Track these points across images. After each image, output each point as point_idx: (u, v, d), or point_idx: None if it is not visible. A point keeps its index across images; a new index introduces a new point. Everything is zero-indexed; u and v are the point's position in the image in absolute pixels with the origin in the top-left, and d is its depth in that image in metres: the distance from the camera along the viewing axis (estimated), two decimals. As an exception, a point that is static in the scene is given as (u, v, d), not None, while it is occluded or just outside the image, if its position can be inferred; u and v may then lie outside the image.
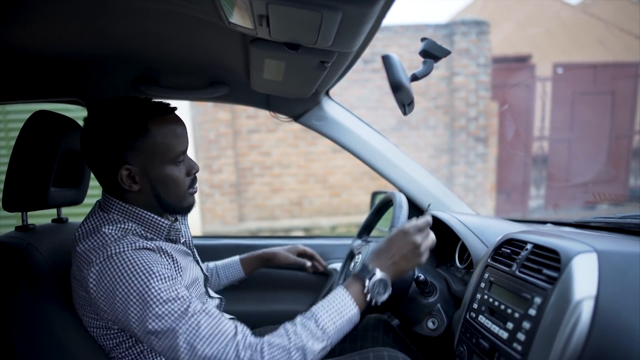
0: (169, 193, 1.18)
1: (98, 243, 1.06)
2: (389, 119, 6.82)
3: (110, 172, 1.12)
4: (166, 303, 0.99)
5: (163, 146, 1.13)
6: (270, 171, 6.83)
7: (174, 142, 1.15)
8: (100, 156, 1.12)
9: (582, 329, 0.78)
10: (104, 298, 1.02)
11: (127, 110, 1.11)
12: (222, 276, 1.69)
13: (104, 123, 1.10)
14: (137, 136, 1.10)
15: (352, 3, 0.80)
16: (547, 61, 7.75)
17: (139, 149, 1.11)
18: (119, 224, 1.13)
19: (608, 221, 1.31)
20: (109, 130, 1.09)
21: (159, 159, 1.13)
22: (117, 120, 1.10)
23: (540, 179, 7.26)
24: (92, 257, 1.04)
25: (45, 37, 1.22)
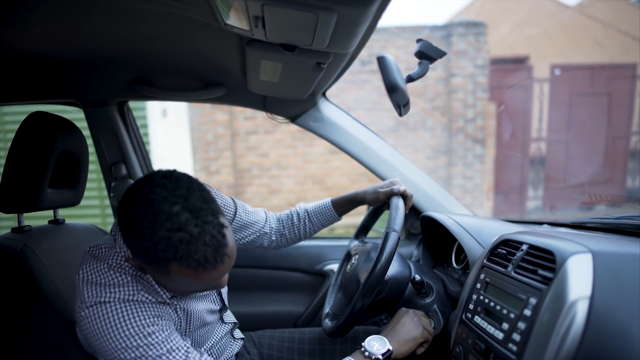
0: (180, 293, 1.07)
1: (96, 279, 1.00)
2: (386, 120, 6.83)
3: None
4: (161, 357, 0.97)
5: (179, 287, 0.99)
6: (268, 172, 6.83)
7: (198, 288, 1.01)
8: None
9: (576, 329, 0.79)
10: (93, 340, 0.98)
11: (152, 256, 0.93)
12: (315, 222, 1.58)
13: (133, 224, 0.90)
14: (157, 266, 0.91)
15: (347, 4, 0.80)
16: (545, 62, 7.76)
17: (158, 275, 0.96)
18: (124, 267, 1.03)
19: (604, 222, 1.31)
20: (135, 234, 0.89)
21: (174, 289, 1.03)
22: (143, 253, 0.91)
23: (538, 180, 7.27)
24: (85, 296, 0.98)
25: (42, 39, 1.22)
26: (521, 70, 8.09)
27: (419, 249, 1.77)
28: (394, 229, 1.24)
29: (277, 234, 1.58)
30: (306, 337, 1.58)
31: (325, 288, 2.06)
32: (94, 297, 0.97)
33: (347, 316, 1.23)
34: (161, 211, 0.85)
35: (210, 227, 0.88)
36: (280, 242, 1.59)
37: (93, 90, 1.74)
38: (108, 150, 1.94)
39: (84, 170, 1.45)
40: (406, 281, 1.37)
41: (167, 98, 1.81)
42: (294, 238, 1.59)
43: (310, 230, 1.59)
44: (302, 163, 6.87)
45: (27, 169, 1.22)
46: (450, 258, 1.62)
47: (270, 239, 1.57)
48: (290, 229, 1.58)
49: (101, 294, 0.97)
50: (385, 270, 1.20)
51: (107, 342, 0.95)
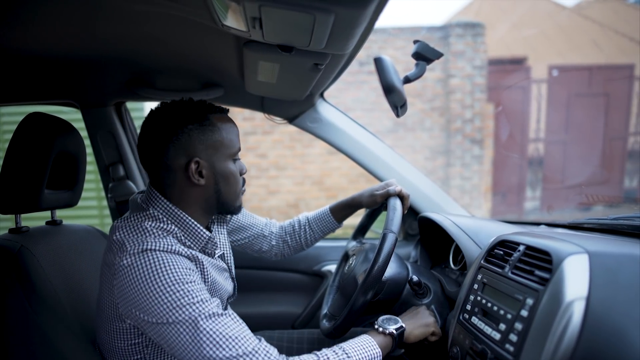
0: (229, 190, 1.21)
1: (136, 234, 1.07)
2: (384, 121, 6.83)
3: (175, 165, 1.13)
4: (190, 305, 1.00)
5: (227, 141, 1.18)
6: (267, 173, 6.82)
7: (235, 139, 1.20)
8: (166, 148, 1.12)
9: (573, 329, 0.79)
10: (127, 290, 1.01)
11: (191, 105, 1.16)
12: (315, 230, 1.62)
13: (173, 115, 1.13)
14: (205, 129, 1.14)
15: (344, 5, 0.80)
16: (543, 63, 7.77)
17: (207, 143, 1.14)
18: (161, 223, 1.12)
19: (600, 222, 1.31)
20: (178, 121, 1.12)
21: (223, 153, 1.18)
22: (184, 111, 1.14)
23: (536, 180, 7.27)
24: (127, 246, 1.04)
25: (39, 39, 1.22)
26: (519, 71, 8.10)
27: (417, 250, 1.77)
28: (392, 230, 1.24)
29: (279, 239, 1.61)
30: (305, 338, 1.59)
31: (323, 289, 2.06)
32: (139, 245, 1.03)
33: (344, 317, 1.23)
34: None
35: None
36: (283, 249, 1.62)
37: (90, 91, 1.73)
38: (105, 151, 1.94)
39: (82, 171, 1.45)
40: (404, 282, 1.37)
41: (164, 99, 1.81)
42: (297, 246, 1.62)
43: (311, 238, 1.61)
44: (301, 164, 6.86)
45: (24, 170, 1.22)
46: (447, 259, 1.62)
47: (270, 244, 1.59)
48: (292, 236, 1.61)
49: (145, 243, 1.04)
50: (383, 271, 1.20)
51: (152, 288, 0.99)
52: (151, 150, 1.14)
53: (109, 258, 1.07)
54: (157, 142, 1.13)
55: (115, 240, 1.07)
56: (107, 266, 1.08)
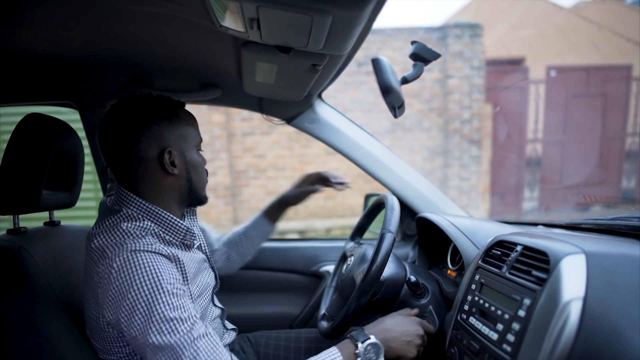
0: (199, 179, 1.25)
1: (115, 239, 1.06)
2: (383, 122, 6.84)
3: (147, 156, 1.15)
4: (171, 321, 0.99)
5: (193, 133, 1.23)
6: (265, 174, 6.83)
7: (198, 131, 1.27)
8: (137, 140, 1.13)
9: (570, 329, 0.79)
10: (111, 296, 1.01)
11: (160, 101, 1.19)
12: (255, 237, 1.68)
13: (142, 110, 1.15)
14: (174, 122, 1.18)
15: (342, 6, 0.80)
16: (540, 64, 7.79)
17: (177, 134, 1.18)
18: (137, 222, 1.12)
19: (598, 223, 1.31)
20: (148, 116, 1.15)
21: (190, 144, 1.22)
22: (154, 107, 1.16)
23: (534, 181, 7.29)
24: (108, 252, 1.04)
25: (37, 40, 1.21)
26: (517, 71, 8.12)
27: (415, 250, 1.77)
28: (390, 230, 1.24)
29: (224, 255, 1.67)
30: (302, 337, 1.59)
31: (321, 289, 2.06)
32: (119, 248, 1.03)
33: (342, 317, 1.24)
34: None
35: None
36: (227, 263, 1.68)
37: (88, 91, 1.73)
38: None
39: (80, 171, 1.44)
40: (402, 282, 1.37)
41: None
42: (238, 258, 1.69)
43: (249, 245, 1.69)
44: (299, 164, 6.87)
45: (23, 171, 1.22)
46: (445, 259, 1.62)
47: (221, 258, 1.66)
48: (233, 248, 1.68)
49: (125, 245, 1.04)
50: (381, 271, 1.20)
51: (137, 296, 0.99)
52: (121, 143, 1.14)
53: (91, 267, 1.07)
54: (127, 135, 1.13)
55: (95, 248, 1.06)
56: (89, 276, 1.08)
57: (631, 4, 10.02)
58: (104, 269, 1.02)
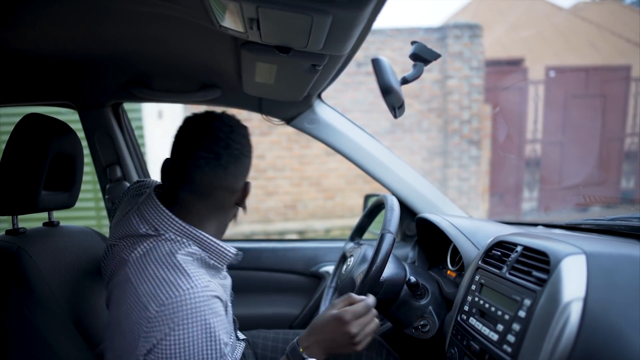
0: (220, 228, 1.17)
1: (173, 274, 0.96)
2: (382, 122, 6.84)
3: (236, 186, 1.11)
4: None
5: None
6: (264, 174, 6.82)
7: None
8: (236, 168, 1.08)
9: (570, 330, 0.79)
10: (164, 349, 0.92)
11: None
12: None
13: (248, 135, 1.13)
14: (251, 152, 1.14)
15: (341, 7, 0.80)
16: (540, 64, 7.79)
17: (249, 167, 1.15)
18: (184, 247, 1.03)
19: (598, 223, 1.31)
20: (247, 147, 1.11)
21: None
22: (243, 137, 1.11)
23: (533, 181, 7.29)
24: (162, 297, 0.93)
25: (36, 40, 1.21)
26: (516, 72, 8.13)
27: (414, 251, 1.77)
28: (389, 231, 1.24)
29: None
30: None
31: (320, 290, 2.06)
32: (180, 293, 0.93)
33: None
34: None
35: None
36: None
37: (88, 92, 1.73)
38: (103, 152, 1.94)
39: (79, 172, 1.44)
40: (401, 283, 1.37)
41: (162, 100, 1.81)
42: None
43: None
44: (298, 165, 6.87)
45: (21, 171, 1.22)
46: (445, 260, 1.62)
47: None
48: None
49: (185, 288, 0.94)
50: (381, 272, 1.20)
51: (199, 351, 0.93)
52: (222, 166, 1.06)
53: (136, 303, 0.96)
54: (238, 160, 1.09)
55: (145, 280, 0.96)
56: (132, 311, 0.96)
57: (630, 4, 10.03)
58: (154, 315, 0.93)
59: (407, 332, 1.38)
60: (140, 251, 1.01)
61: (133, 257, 1.01)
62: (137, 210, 1.09)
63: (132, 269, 0.99)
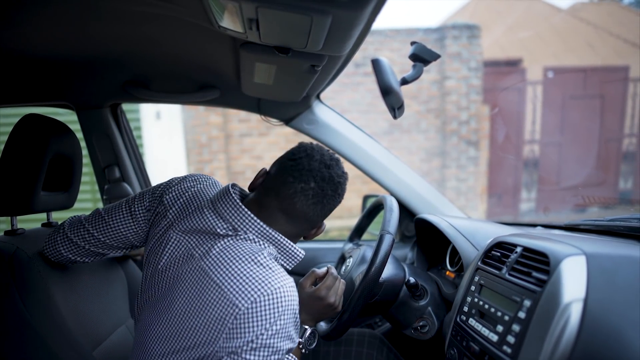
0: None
1: (260, 271, 0.98)
2: (380, 123, 6.83)
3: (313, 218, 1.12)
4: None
5: None
6: (262, 175, 6.80)
7: None
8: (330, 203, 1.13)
9: (571, 331, 0.79)
10: (238, 330, 0.95)
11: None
12: None
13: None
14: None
15: (341, 7, 0.80)
16: (538, 65, 7.81)
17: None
18: (265, 247, 1.06)
19: (597, 224, 1.31)
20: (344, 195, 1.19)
21: None
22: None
23: (531, 182, 7.30)
24: (254, 295, 0.95)
25: (35, 41, 1.21)
26: (514, 72, 8.14)
27: (413, 252, 1.77)
28: (389, 231, 1.24)
29: None
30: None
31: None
32: (265, 288, 0.96)
33: (341, 319, 1.23)
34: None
35: None
36: None
37: (86, 92, 1.73)
38: (101, 152, 1.93)
39: (78, 173, 1.44)
40: (400, 283, 1.37)
41: (160, 100, 1.81)
42: None
43: None
44: (297, 165, 6.85)
45: (20, 172, 1.21)
46: (444, 260, 1.62)
47: None
48: None
49: (271, 285, 0.97)
50: (380, 273, 1.20)
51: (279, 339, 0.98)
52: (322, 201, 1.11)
53: (221, 299, 0.97)
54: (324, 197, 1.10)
55: (231, 276, 0.98)
56: (213, 306, 0.97)
57: (628, 5, 10.06)
58: (245, 309, 0.94)
59: (407, 333, 1.38)
60: (219, 249, 1.02)
61: (212, 255, 1.02)
62: (213, 208, 1.09)
63: (211, 265, 1.00)
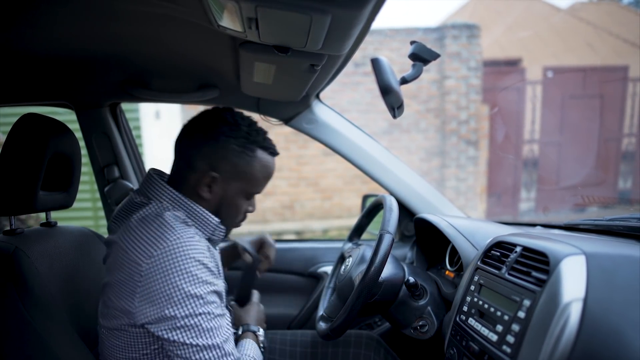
0: (227, 218, 1.23)
1: (158, 230, 1.05)
2: (380, 122, 6.84)
3: (195, 166, 1.16)
4: (212, 329, 1.03)
5: (254, 180, 1.21)
6: (262, 174, 6.80)
7: (262, 183, 1.24)
8: (200, 145, 1.16)
9: (570, 331, 0.79)
10: (155, 290, 1.01)
11: (250, 126, 1.20)
12: None
13: (228, 122, 1.17)
14: (243, 156, 1.17)
15: (341, 6, 0.79)
16: (537, 64, 7.82)
17: (235, 168, 1.17)
18: (167, 210, 1.12)
19: (596, 224, 1.31)
20: (227, 130, 1.16)
21: (242, 187, 1.21)
22: (240, 128, 1.17)
23: (531, 181, 7.30)
24: (151, 250, 1.02)
25: (34, 40, 1.21)
26: (514, 72, 8.15)
27: (413, 251, 1.77)
28: (388, 231, 1.24)
29: None
30: (298, 340, 1.58)
31: (318, 290, 2.05)
32: (166, 242, 1.02)
33: (340, 318, 1.23)
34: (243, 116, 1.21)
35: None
36: None
37: (85, 91, 1.72)
38: (100, 152, 1.93)
39: (77, 172, 1.44)
40: (400, 283, 1.37)
41: (159, 100, 1.81)
42: None
43: None
44: (296, 165, 6.87)
45: (19, 171, 1.21)
46: (444, 260, 1.62)
47: None
48: None
49: (171, 239, 1.03)
50: (379, 272, 1.20)
51: (179, 289, 1.01)
52: (190, 138, 1.18)
53: (127, 261, 1.04)
54: (198, 135, 1.17)
55: (134, 240, 1.05)
56: (124, 270, 1.05)
57: (627, 5, 10.06)
58: (148, 263, 1.01)
59: (406, 333, 1.38)
60: (131, 221, 1.10)
61: (124, 228, 1.09)
62: (135, 190, 1.21)
63: (122, 237, 1.08)
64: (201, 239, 1.09)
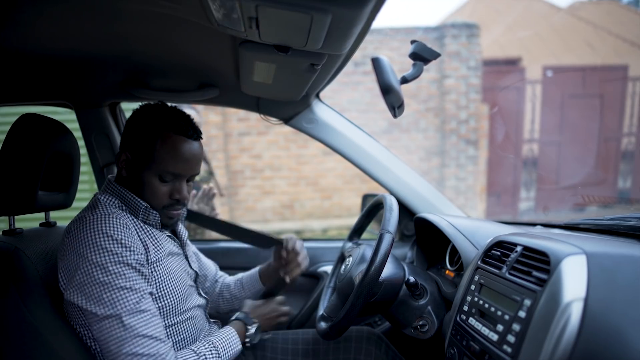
0: (147, 198, 1.27)
1: (84, 212, 1.19)
2: (379, 122, 6.84)
3: (119, 154, 1.27)
4: (120, 290, 1.09)
5: (162, 160, 1.23)
6: (261, 174, 6.82)
7: (170, 162, 1.24)
8: (122, 139, 1.29)
9: (571, 330, 0.78)
10: (65, 262, 1.12)
11: (165, 111, 1.26)
12: (246, 288, 1.69)
13: (145, 112, 1.27)
14: (152, 134, 1.23)
15: (341, 5, 0.79)
16: (537, 64, 7.81)
17: (144, 146, 1.23)
18: (110, 197, 1.25)
19: (597, 223, 1.31)
20: (141, 116, 1.27)
21: (152, 167, 1.24)
22: (157, 114, 1.26)
23: (531, 181, 7.30)
24: (71, 227, 1.15)
25: (33, 39, 1.21)
26: (513, 71, 8.14)
27: (413, 251, 1.77)
28: (388, 230, 1.23)
29: (219, 293, 1.71)
30: (300, 338, 1.58)
31: (319, 290, 2.05)
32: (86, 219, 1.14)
33: (341, 318, 1.23)
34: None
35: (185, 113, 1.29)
36: (219, 301, 1.71)
37: (85, 91, 1.72)
38: (100, 152, 1.93)
39: (76, 172, 1.44)
40: (400, 283, 1.37)
41: (159, 99, 1.80)
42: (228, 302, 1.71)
43: (240, 294, 1.70)
44: (296, 164, 6.87)
45: (18, 171, 1.21)
46: (444, 260, 1.61)
47: (214, 290, 1.71)
48: (227, 291, 1.71)
49: (91, 215, 1.15)
50: (380, 272, 1.20)
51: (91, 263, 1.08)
52: (126, 130, 1.29)
53: (61, 243, 1.17)
54: (130, 125, 1.28)
55: (65, 233, 1.17)
56: (59, 252, 1.17)
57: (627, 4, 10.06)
58: (67, 241, 1.14)
59: (406, 332, 1.38)
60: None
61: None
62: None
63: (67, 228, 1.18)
64: (123, 218, 1.17)
